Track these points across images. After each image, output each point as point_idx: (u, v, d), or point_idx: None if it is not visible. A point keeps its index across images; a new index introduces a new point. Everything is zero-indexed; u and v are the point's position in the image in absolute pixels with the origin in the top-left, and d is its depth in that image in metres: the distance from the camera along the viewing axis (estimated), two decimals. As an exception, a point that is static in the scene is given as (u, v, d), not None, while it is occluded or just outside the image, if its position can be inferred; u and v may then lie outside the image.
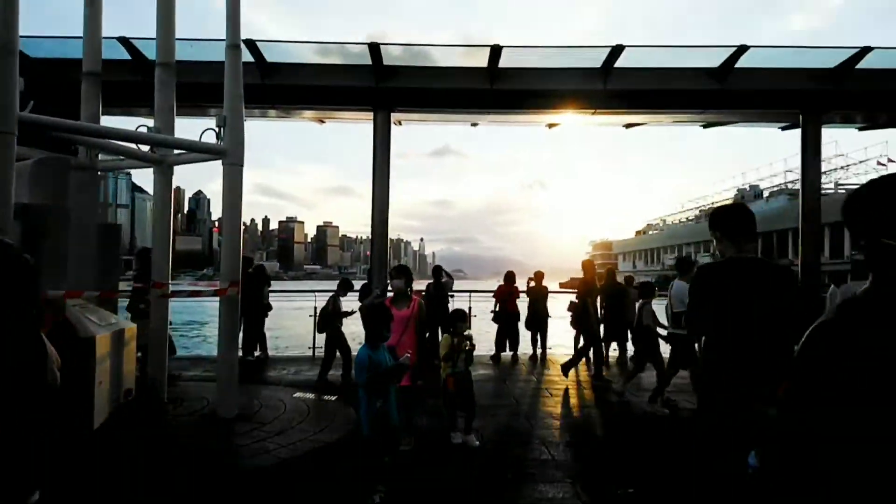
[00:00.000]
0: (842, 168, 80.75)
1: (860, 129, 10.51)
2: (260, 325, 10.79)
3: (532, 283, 11.80)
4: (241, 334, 9.78)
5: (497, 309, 11.45)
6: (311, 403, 7.43)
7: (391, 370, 4.15)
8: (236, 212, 6.24)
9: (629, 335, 11.06)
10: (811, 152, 8.97)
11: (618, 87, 8.81)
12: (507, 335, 11.38)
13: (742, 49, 8.24)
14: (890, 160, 75.37)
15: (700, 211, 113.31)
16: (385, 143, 8.99)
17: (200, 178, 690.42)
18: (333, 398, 7.74)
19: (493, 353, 11.31)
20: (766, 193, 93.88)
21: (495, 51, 8.38)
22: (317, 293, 11.41)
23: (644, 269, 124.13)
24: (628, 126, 10.85)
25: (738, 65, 8.52)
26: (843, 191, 78.30)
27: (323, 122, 10.53)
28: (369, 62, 8.82)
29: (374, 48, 8.58)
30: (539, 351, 11.64)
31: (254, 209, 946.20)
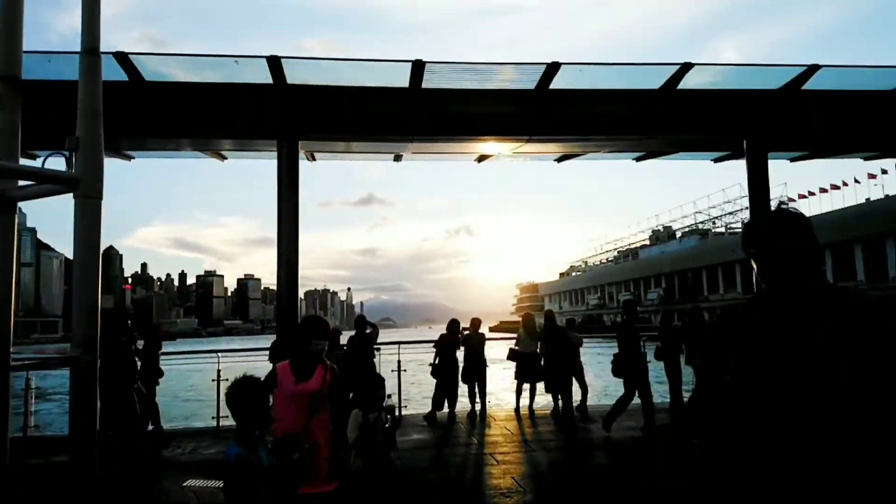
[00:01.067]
0: (746, 208, 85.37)
1: (793, 160, 10.03)
2: (151, 395, 9.15)
3: (467, 331, 10.72)
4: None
5: (437, 361, 10.30)
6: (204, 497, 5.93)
7: (277, 473, 2.80)
8: (94, 256, 4.81)
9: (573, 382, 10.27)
10: (758, 183, 8.19)
11: (554, 110, 7.83)
12: (446, 391, 10.17)
13: (686, 67, 7.49)
14: (790, 199, 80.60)
15: (618, 252, 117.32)
16: (292, 177, 7.53)
17: (111, 233, 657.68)
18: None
19: (427, 411, 10.05)
20: (678, 234, 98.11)
21: (417, 67, 7.25)
22: (220, 353, 9.90)
23: (570, 309, 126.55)
24: (560, 160, 10.10)
25: (681, 86, 7.84)
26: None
27: (223, 157, 9.22)
28: (269, 79, 7.48)
29: (275, 64, 7.22)
30: (478, 406, 10.43)
31: (170, 264, 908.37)
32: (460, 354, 10.35)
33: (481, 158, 9.37)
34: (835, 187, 66.11)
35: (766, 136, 8.27)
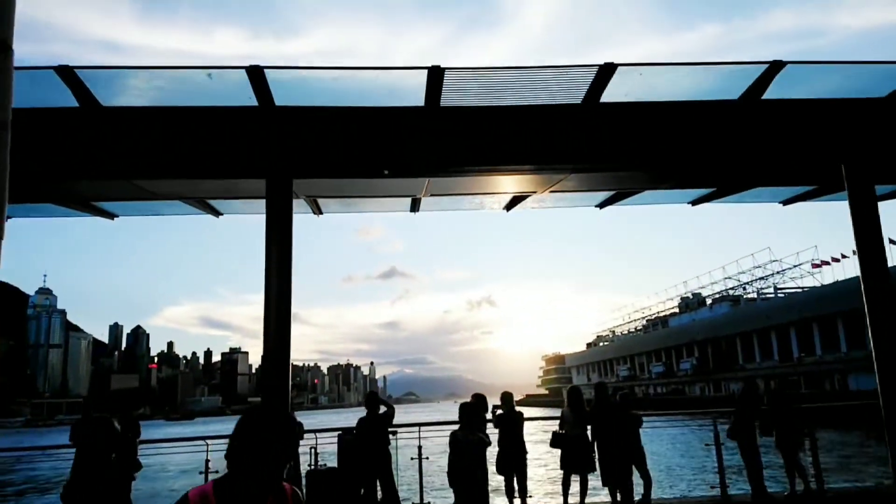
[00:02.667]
0: (777, 273, 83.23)
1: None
2: (126, 492, 7.66)
3: (500, 410, 8.87)
4: None
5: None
6: None
7: None
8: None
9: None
10: (867, 225, 6.38)
11: (605, 131, 6.22)
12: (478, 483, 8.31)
13: (776, 66, 5.79)
14: (824, 262, 77.94)
15: (647, 321, 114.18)
16: (284, 225, 6.05)
17: (139, 313, 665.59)
18: None
19: None
20: (708, 301, 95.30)
21: (435, 76, 5.70)
22: (209, 440, 8.43)
23: (599, 381, 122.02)
24: (604, 204, 8.76)
25: (767, 94, 6.24)
26: (782, 294, 79.95)
27: (217, 212, 8.03)
28: (253, 101, 5.99)
29: (257, 77, 5.66)
30: (518, 501, 8.51)
31: (196, 342, 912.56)
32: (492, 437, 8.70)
33: (512, 203, 8.06)
34: None
35: (871, 161, 6.44)
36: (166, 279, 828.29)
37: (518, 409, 8.94)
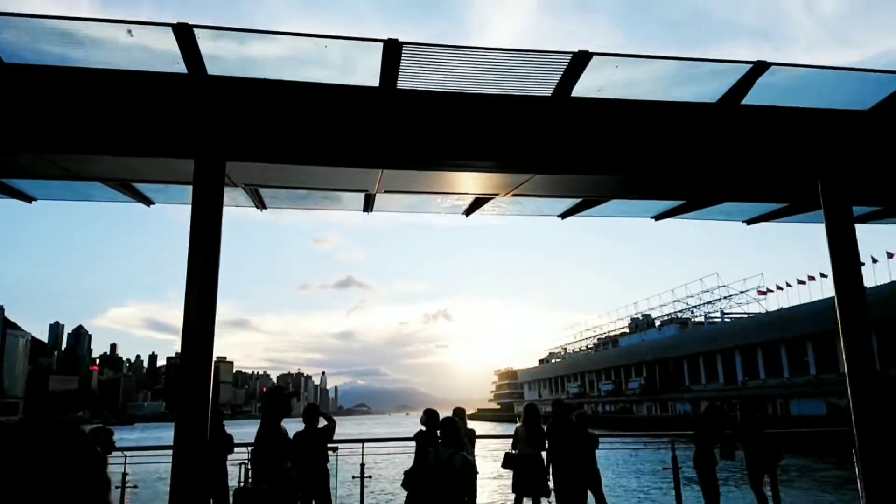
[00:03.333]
0: (724, 298, 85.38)
1: (865, 218, 8.09)
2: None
3: None
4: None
5: (412, 467, 7.86)
6: None
7: None
8: None
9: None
10: (844, 248, 6.04)
11: (574, 130, 5.72)
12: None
13: (760, 67, 5.41)
14: (769, 290, 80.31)
15: (597, 339, 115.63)
16: (213, 214, 5.31)
17: (82, 313, 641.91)
18: None
19: None
20: (657, 322, 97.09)
21: (391, 51, 5.04)
22: (126, 452, 7.61)
23: (549, 397, 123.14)
24: (566, 214, 8.35)
25: (746, 100, 5.66)
26: (728, 319, 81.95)
27: (148, 200, 7.26)
28: (181, 68, 5.16)
29: (185, 37, 4.83)
30: None
31: (141, 345, 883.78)
32: None
33: (472, 207, 7.56)
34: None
35: (850, 180, 6.03)
36: (110, 278, 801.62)
37: (469, 425, 8.42)
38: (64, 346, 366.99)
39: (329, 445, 7.47)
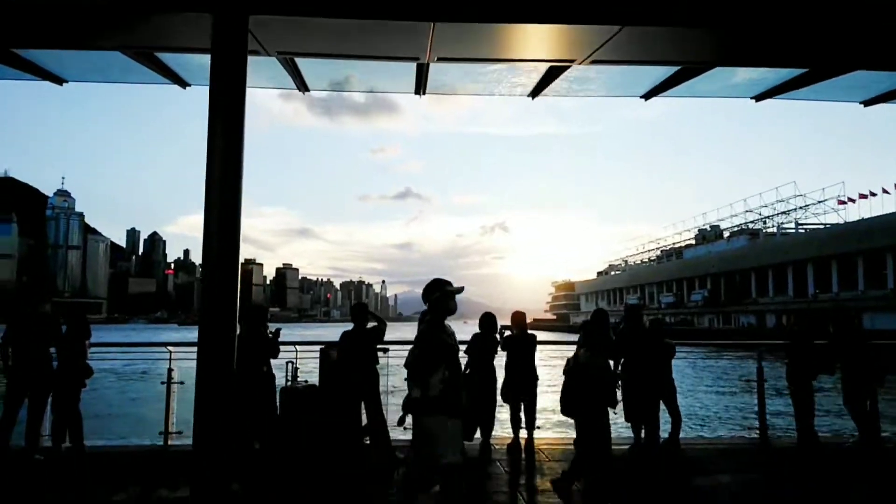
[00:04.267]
0: (801, 208, 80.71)
1: None
2: (73, 401, 6.64)
3: (508, 332, 7.54)
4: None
5: (467, 372, 7.14)
6: None
7: None
8: None
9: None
10: None
11: None
12: (479, 413, 7.06)
13: None
14: (850, 199, 75.28)
15: (661, 251, 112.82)
16: (235, 82, 4.51)
17: (156, 220, 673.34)
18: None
19: None
20: (726, 234, 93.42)
21: None
22: (171, 347, 7.34)
23: (608, 309, 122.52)
24: (650, 94, 7.20)
25: None
26: (804, 230, 77.83)
27: (183, 82, 6.59)
28: None
29: None
30: (525, 435, 7.29)
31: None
32: (500, 362, 7.51)
33: (540, 85, 6.48)
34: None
35: None
36: (183, 186, 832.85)
37: (530, 332, 7.71)
38: (141, 251, 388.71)
39: (379, 347, 6.96)
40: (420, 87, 6.88)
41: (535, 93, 7.10)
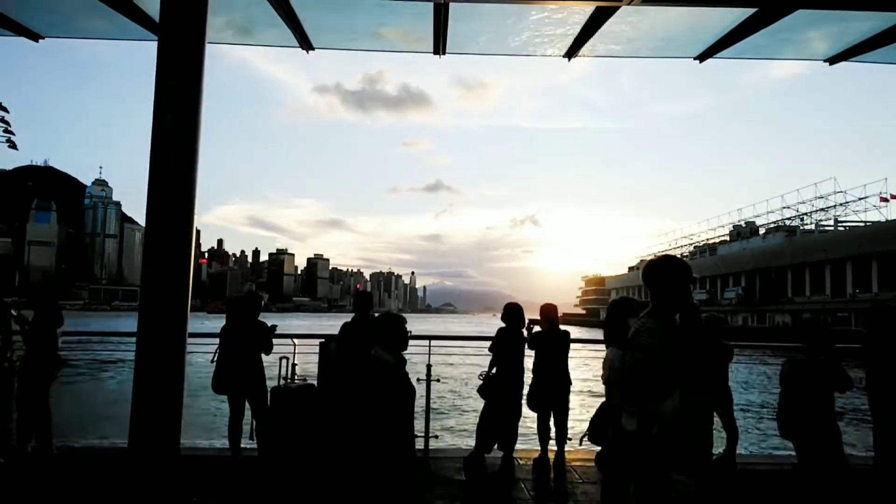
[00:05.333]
0: (841, 205, 77.64)
1: None
2: (41, 397, 5.91)
3: (537, 327, 6.60)
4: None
5: (492, 372, 6.31)
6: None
7: None
8: None
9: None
10: None
11: None
12: (502, 420, 6.13)
13: None
14: (892, 196, 72.08)
15: (694, 247, 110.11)
16: (193, 28, 3.73)
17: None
18: None
19: (469, 451, 6.18)
20: (762, 230, 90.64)
21: None
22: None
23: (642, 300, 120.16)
24: (704, 57, 6.19)
25: None
26: (843, 227, 74.92)
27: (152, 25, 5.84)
28: None
29: None
30: (553, 448, 6.36)
31: (245, 241, 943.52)
32: (528, 362, 6.55)
33: (579, 41, 5.51)
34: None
35: None
36: (217, 178, 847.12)
37: (562, 328, 6.71)
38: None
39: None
40: (439, 45, 5.98)
41: (571, 52, 6.15)
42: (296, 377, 6.23)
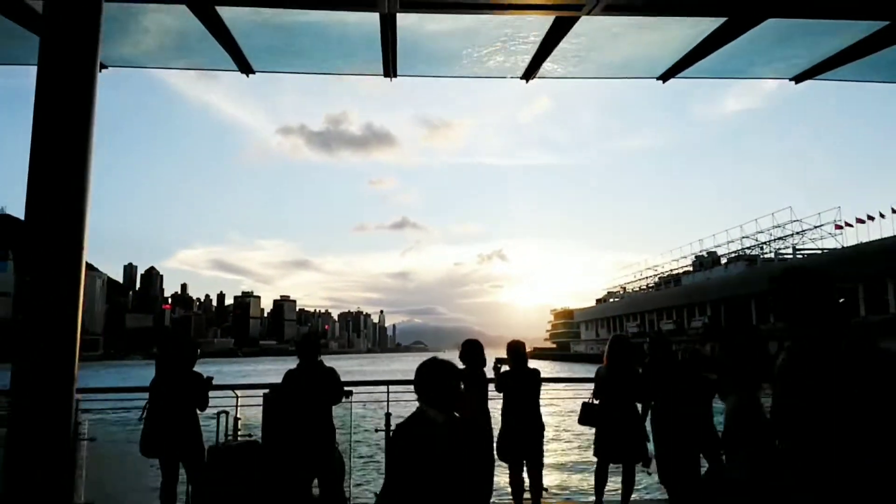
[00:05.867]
0: (798, 233, 79.69)
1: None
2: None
3: (504, 366, 6.04)
4: None
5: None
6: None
7: None
8: None
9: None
10: None
11: None
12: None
13: None
14: (847, 223, 74.35)
15: (659, 278, 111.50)
16: (84, 36, 3.25)
17: (153, 254, 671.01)
18: None
19: None
20: (723, 260, 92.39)
21: None
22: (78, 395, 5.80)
23: (607, 336, 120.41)
24: (668, 74, 5.96)
25: None
26: (801, 255, 76.81)
27: None
28: None
29: None
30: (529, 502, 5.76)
31: (209, 285, 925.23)
32: (494, 403, 5.99)
33: (537, 60, 5.14)
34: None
35: None
36: (178, 222, 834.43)
37: (531, 365, 6.19)
38: (138, 286, 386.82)
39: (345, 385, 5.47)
40: (388, 67, 5.58)
41: (529, 73, 5.83)
42: (238, 433, 5.58)
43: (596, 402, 5.89)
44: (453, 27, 4.87)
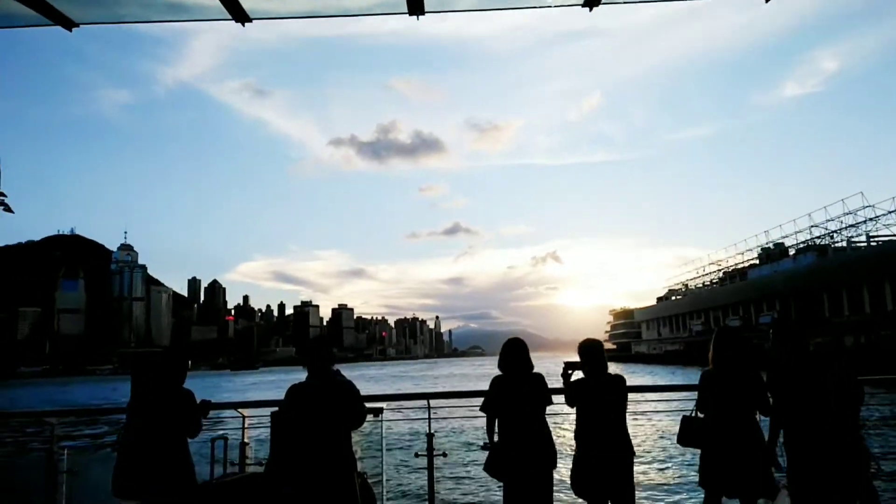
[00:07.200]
0: (871, 220, 74.70)
1: None
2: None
3: (578, 373, 4.86)
4: None
5: (493, 441, 4.66)
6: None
7: None
8: None
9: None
10: None
11: None
12: None
13: None
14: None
15: (723, 273, 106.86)
16: None
17: (215, 268, 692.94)
18: None
19: None
20: (791, 251, 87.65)
21: None
22: (53, 418, 5.06)
23: (670, 336, 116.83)
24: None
25: None
26: (875, 243, 71.95)
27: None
28: None
29: None
30: None
31: (270, 296, 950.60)
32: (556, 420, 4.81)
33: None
34: None
35: None
36: (241, 236, 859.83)
37: (614, 372, 4.94)
38: (202, 299, 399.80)
39: (368, 406, 4.45)
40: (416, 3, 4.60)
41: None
42: (246, 463, 4.70)
43: (700, 415, 4.59)
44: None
